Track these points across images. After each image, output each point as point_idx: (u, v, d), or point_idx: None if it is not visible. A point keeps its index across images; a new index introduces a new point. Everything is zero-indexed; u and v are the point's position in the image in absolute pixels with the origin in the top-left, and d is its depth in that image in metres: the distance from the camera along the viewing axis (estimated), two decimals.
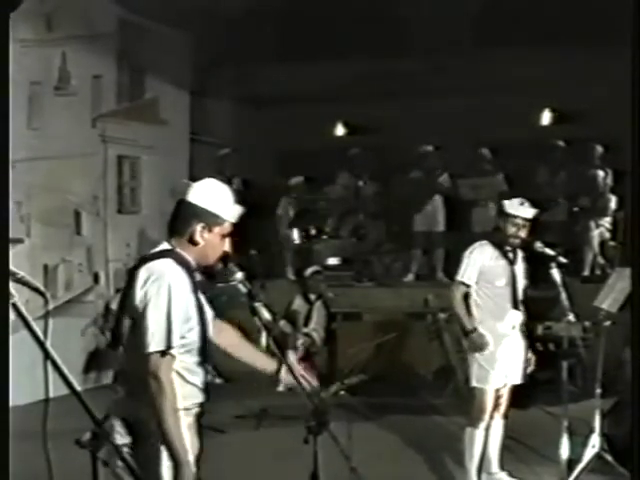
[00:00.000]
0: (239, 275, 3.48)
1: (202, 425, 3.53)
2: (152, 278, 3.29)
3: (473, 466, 6.17)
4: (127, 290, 3.37)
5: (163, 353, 3.21)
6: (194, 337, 3.37)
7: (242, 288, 3.51)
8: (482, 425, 6.13)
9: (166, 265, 3.33)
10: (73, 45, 10.52)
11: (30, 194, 10.01)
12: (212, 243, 3.44)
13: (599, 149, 11.55)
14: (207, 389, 3.50)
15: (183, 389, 3.32)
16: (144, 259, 3.42)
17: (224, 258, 3.50)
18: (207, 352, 3.46)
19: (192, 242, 3.42)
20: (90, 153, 10.94)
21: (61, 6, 10.25)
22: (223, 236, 3.47)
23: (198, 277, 3.50)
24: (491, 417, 6.17)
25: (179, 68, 12.22)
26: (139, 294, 3.28)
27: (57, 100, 10.53)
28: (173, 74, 12.04)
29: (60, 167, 10.35)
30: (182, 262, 3.39)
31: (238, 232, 3.55)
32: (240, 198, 3.57)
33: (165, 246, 3.46)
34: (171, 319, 3.23)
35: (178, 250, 3.42)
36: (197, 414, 3.48)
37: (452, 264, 10.01)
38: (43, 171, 10.14)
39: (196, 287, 3.44)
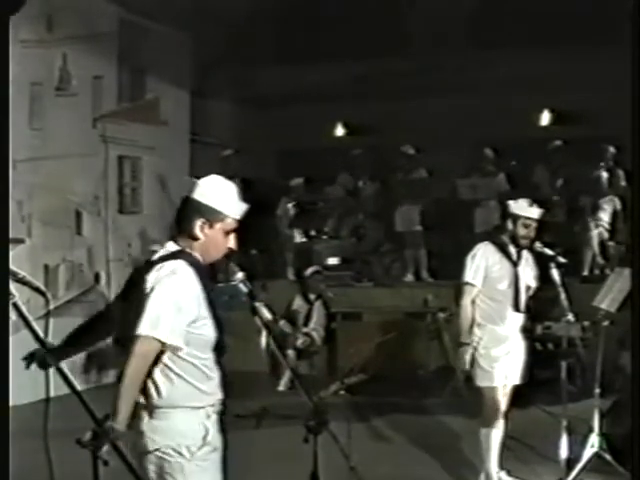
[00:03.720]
0: (240, 275, 3.48)
1: (223, 421, 3.56)
2: (167, 274, 3.32)
3: (493, 466, 6.17)
4: (131, 282, 3.46)
5: (153, 340, 3.23)
6: (209, 333, 3.40)
7: (243, 288, 3.51)
8: (498, 424, 6.12)
9: (179, 265, 3.36)
10: (74, 45, 10.53)
11: (31, 194, 10.02)
12: (214, 239, 3.45)
13: (599, 149, 11.54)
14: (226, 386, 3.54)
15: (207, 385, 3.40)
16: (160, 259, 3.44)
17: (228, 255, 3.49)
18: (223, 349, 3.50)
19: (193, 238, 3.44)
20: (91, 153, 10.96)
21: (62, 7, 10.26)
22: (226, 233, 3.46)
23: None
24: None
25: (179, 68, 12.23)
26: (149, 283, 3.32)
27: (58, 100, 10.55)
28: (173, 75, 12.06)
29: (61, 167, 10.36)
30: (193, 262, 3.42)
31: (240, 231, 3.54)
32: (241, 197, 3.57)
33: (173, 247, 3.48)
34: (163, 313, 3.24)
35: (189, 250, 3.45)
36: (219, 412, 3.51)
37: (449, 264, 10.06)
38: (44, 171, 10.14)
39: (207, 285, 3.45)
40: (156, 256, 3.50)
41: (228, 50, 12.54)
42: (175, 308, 3.27)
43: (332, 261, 12.13)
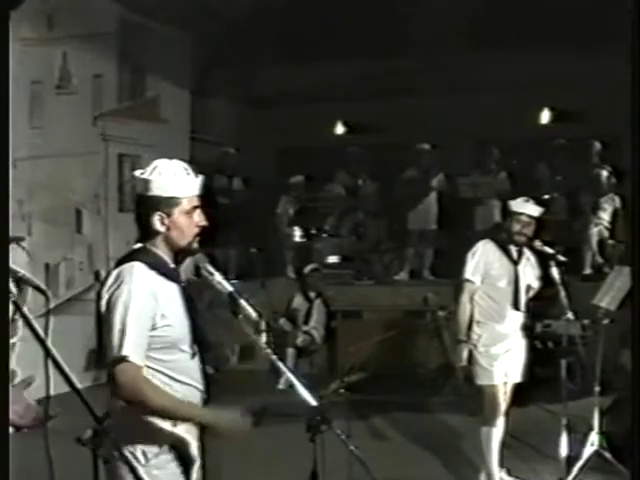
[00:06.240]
0: (217, 276, 3.37)
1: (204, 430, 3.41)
2: (115, 284, 3.21)
3: (494, 464, 6.17)
4: (99, 294, 3.30)
5: (123, 359, 3.11)
6: (173, 333, 3.25)
7: (223, 288, 3.38)
8: (498, 423, 6.13)
9: (130, 268, 3.25)
10: (74, 44, 10.53)
11: (31, 193, 10.02)
12: (177, 226, 3.32)
13: (598, 147, 11.56)
14: (207, 387, 3.40)
15: (181, 390, 3.26)
16: (117, 263, 3.35)
17: (203, 234, 3.37)
18: (200, 345, 3.37)
19: (156, 233, 3.34)
20: (91, 152, 10.95)
21: (62, 5, 10.26)
22: (188, 213, 3.33)
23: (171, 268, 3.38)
24: None
25: (179, 67, 12.23)
26: (104, 300, 3.24)
27: (58, 99, 10.55)
28: (174, 73, 12.06)
29: (61, 166, 10.36)
30: (151, 259, 3.30)
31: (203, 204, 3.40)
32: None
33: (137, 246, 3.39)
34: (126, 328, 3.13)
35: (148, 247, 3.35)
36: None
37: (449, 263, 10.06)
38: (44, 170, 10.14)
39: (175, 279, 3.34)
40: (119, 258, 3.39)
41: (228, 49, 12.54)
42: (134, 320, 3.15)
43: (332, 259, 12.15)
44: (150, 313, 3.19)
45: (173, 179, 3.31)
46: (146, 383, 3.16)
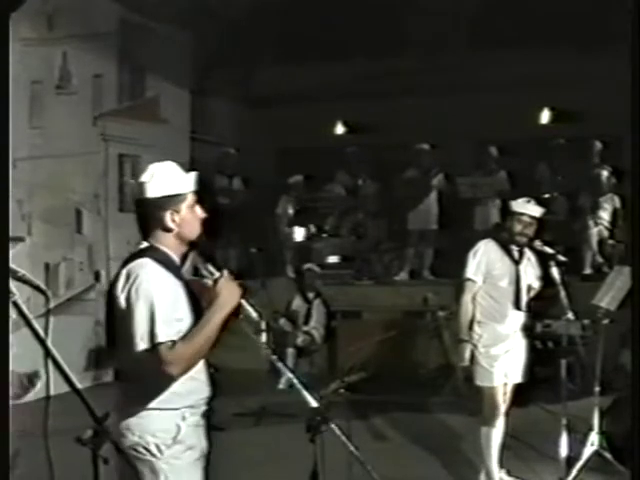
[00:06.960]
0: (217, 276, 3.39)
1: (210, 425, 3.49)
2: (130, 280, 3.28)
3: (493, 464, 6.17)
4: (111, 294, 3.35)
5: (160, 345, 3.17)
6: (184, 328, 3.28)
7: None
8: (498, 423, 6.13)
9: (142, 264, 3.32)
10: (74, 44, 10.53)
11: (31, 193, 10.02)
12: (186, 221, 3.43)
13: (598, 146, 11.56)
14: (213, 382, 3.47)
15: (184, 387, 3.29)
16: (124, 262, 3.42)
17: (206, 226, 3.48)
18: None
19: (167, 230, 3.42)
20: (91, 152, 10.95)
21: (62, 5, 10.26)
22: (192, 207, 3.45)
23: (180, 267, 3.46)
24: None
25: (180, 67, 12.23)
26: (122, 298, 3.28)
27: (58, 99, 10.55)
28: (174, 73, 12.05)
29: (61, 166, 10.36)
30: (160, 256, 3.38)
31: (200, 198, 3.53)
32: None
33: (144, 245, 3.46)
34: (154, 316, 3.19)
35: (157, 245, 3.42)
36: (203, 413, 3.44)
37: (449, 263, 10.07)
38: (44, 170, 10.15)
39: (182, 277, 3.40)
40: (126, 257, 3.46)
41: (228, 49, 12.55)
42: (161, 307, 3.22)
43: (332, 259, 12.15)
44: (172, 299, 3.28)
45: (175, 177, 3.46)
46: (175, 353, 3.19)
